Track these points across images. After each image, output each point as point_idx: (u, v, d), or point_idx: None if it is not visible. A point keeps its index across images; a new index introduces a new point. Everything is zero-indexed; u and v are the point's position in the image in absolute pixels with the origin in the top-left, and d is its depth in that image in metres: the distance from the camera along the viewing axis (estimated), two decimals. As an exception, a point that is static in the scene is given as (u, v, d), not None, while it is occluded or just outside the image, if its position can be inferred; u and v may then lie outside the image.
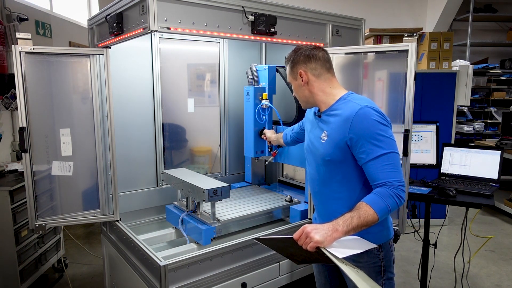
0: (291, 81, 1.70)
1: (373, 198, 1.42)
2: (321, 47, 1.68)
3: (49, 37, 4.26)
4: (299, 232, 1.35)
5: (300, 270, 2.33)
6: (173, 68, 2.84)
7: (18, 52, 1.97)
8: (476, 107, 6.30)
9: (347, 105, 1.55)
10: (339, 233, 1.34)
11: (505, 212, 4.94)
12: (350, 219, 1.37)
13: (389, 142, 1.47)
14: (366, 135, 1.46)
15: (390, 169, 1.45)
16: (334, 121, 1.56)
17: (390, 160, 1.45)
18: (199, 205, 2.38)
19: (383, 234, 1.62)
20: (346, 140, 1.50)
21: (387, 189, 1.43)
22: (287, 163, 2.85)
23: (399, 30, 4.61)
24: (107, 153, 2.27)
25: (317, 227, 1.34)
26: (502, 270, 3.56)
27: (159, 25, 1.68)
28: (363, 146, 1.47)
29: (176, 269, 1.77)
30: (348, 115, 1.50)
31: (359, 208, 1.40)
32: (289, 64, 1.68)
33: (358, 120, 1.47)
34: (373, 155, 1.45)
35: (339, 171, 1.58)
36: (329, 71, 1.64)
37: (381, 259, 1.61)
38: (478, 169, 2.52)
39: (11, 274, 2.71)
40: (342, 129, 1.51)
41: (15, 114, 3.47)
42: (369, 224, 1.39)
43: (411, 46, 1.96)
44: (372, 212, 1.38)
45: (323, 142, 1.59)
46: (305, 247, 1.32)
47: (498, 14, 6.33)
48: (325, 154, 1.58)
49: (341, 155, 1.53)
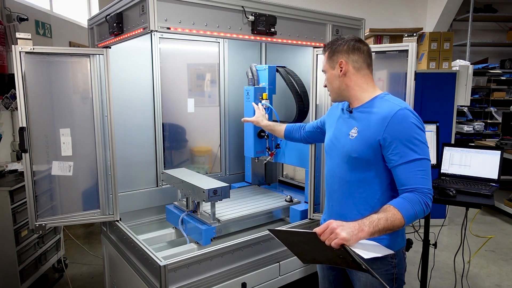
0: (327, 70, 1.62)
1: (402, 203, 1.38)
2: (365, 41, 1.62)
3: (49, 37, 4.26)
4: (323, 227, 1.30)
5: (300, 270, 2.33)
6: (173, 68, 2.84)
7: (18, 52, 1.97)
8: (476, 107, 6.30)
9: (384, 104, 1.51)
10: (365, 233, 1.29)
11: (505, 212, 4.94)
12: (377, 221, 1.32)
13: (423, 148, 1.44)
14: (402, 137, 1.42)
15: (422, 176, 1.41)
16: (367, 119, 1.52)
17: (422, 166, 1.42)
18: (199, 205, 2.38)
19: (397, 242, 1.58)
20: (379, 139, 1.46)
21: (417, 195, 1.39)
22: (287, 163, 2.86)
23: (399, 30, 4.61)
24: (107, 153, 2.27)
25: (343, 224, 1.29)
26: (502, 270, 3.56)
27: (159, 25, 1.68)
28: (396, 148, 1.43)
29: (176, 269, 1.77)
30: (385, 114, 1.46)
31: (386, 211, 1.36)
32: (328, 51, 1.61)
33: (396, 121, 1.43)
34: (406, 159, 1.42)
35: (364, 170, 1.53)
36: (369, 67, 1.59)
37: (394, 267, 1.57)
38: (478, 169, 2.51)
39: (11, 274, 2.71)
40: (376, 128, 1.47)
41: (15, 114, 3.47)
42: (394, 228, 1.35)
43: (411, 46, 1.96)
44: (400, 217, 1.35)
45: (352, 139, 1.54)
46: (328, 243, 1.27)
47: (498, 14, 6.33)
48: (352, 151, 1.53)
49: (371, 154, 1.49)
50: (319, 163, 2.36)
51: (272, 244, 2.15)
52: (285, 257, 2.22)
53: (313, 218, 2.40)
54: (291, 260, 2.25)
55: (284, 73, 2.79)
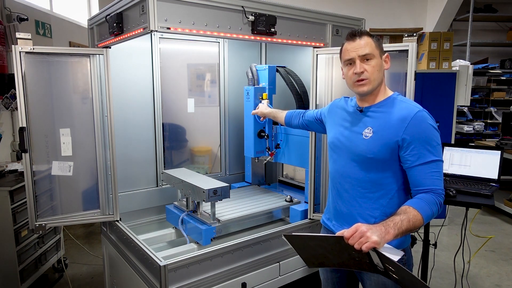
0: (377, 56, 1.53)
1: (420, 204, 1.40)
2: None
3: (49, 37, 4.26)
4: (352, 230, 1.28)
5: (300, 270, 2.33)
6: (173, 68, 2.84)
7: (18, 52, 1.97)
8: (476, 107, 6.30)
9: (401, 105, 1.51)
10: (390, 235, 1.30)
11: (505, 212, 4.94)
12: (400, 223, 1.33)
13: (439, 150, 1.46)
14: (422, 138, 1.43)
15: (437, 177, 1.44)
16: (383, 118, 1.52)
17: (438, 167, 1.45)
18: (199, 205, 2.38)
19: (406, 239, 1.60)
20: (398, 140, 1.46)
21: (433, 196, 1.42)
22: (287, 163, 2.86)
23: (399, 30, 4.62)
24: (107, 153, 2.27)
25: (371, 227, 1.29)
26: (502, 270, 3.56)
27: (159, 25, 1.68)
28: (415, 149, 1.44)
29: (176, 269, 1.77)
30: (404, 115, 1.47)
31: (407, 212, 1.37)
32: (373, 39, 1.55)
33: (416, 123, 1.45)
34: (424, 160, 1.43)
35: (378, 170, 1.52)
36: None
37: (404, 264, 1.58)
38: (478, 169, 2.51)
39: (11, 274, 2.71)
40: (394, 128, 1.47)
41: (15, 114, 3.47)
42: (415, 229, 1.37)
43: (411, 46, 1.96)
44: (420, 218, 1.36)
45: (366, 139, 1.53)
46: (358, 246, 1.25)
47: (498, 14, 6.33)
48: (368, 151, 1.52)
49: (387, 154, 1.49)
50: (319, 163, 2.36)
51: (272, 244, 2.15)
52: (285, 257, 2.22)
53: (313, 218, 2.40)
54: (291, 260, 2.25)
55: (284, 73, 2.79)
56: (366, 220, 1.54)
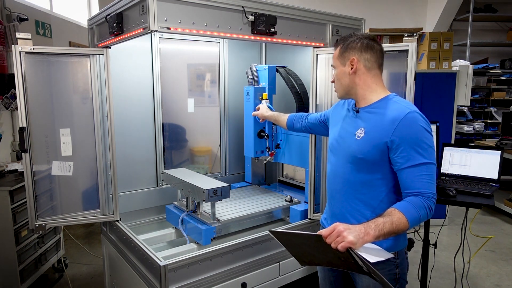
0: (337, 66, 1.59)
1: (406, 206, 1.38)
2: (378, 40, 1.60)
3: (49, 37, 4.26)
4: (330, 229, 1.29)
5: (300, 270, 2.33)
6: (173, 68, 2.84)
7: (18, 52, 1.97)
8: (476, 107, 6.30)
9: (393, 106, 1.49)
10: (370, 237, 1.29)
11: (505, 212, 4.93)
12: (383, 224, 1.32)
13: (431, 152, 1.43)
14: (411, 140, 1.41)
15: (427, 180, 1.41)
16: (375, 119, 1.50)
17: (429, 170, 1.42)
18: (199, 205, 2.38)
19: (400, 242, 1.58)
20: (387, 141, 1.44)
21: (421, 199, 1.39)
22: (287, 163, 2.86)
23: (399, 30, 4.61)
24: (107, 153, 2.27)
25: (349, 227, 1.29)
26: (502, 270, 3.56)
27: (159, 25, 1.68)
28: (404, 151, 1.41)
29: (176, 269, 1.77)
30: (394, 116, 1.44)
31: (391, 214, 1.36)
32: (340, 47, 1.58)
33: (406, 124, 1.42)
34: (413, 162, 1.41)
35: (369, 171, 1.51)
36: (380, 67, 1.57)
37: (397, 267, 1.57)
38: (478, 169, 2.51)
39: (11, 274, 2.71)
40: (384, 130, 1.46)
41: (15, 114, 3.47)
42: (399, 232, 1.35)
43: (411, 46, 1.96)
44: (405, 221, 1.35)
45: (358, 139, 1.52)
46: (334, 246, 1.26)
47: (498, 14, 6.33)
48: (358, 151, 1.51)
49: (377, 155, 1.48)
50: (319, 163, 2.36)
51: (272, 244, 2.15)
52: (285, 257, 2.22)
53: (313, 218, 2.40)
54: (291, 260, 2.24)
55: (284, 73, 2.79)
56: (357, 221, 1.52)
